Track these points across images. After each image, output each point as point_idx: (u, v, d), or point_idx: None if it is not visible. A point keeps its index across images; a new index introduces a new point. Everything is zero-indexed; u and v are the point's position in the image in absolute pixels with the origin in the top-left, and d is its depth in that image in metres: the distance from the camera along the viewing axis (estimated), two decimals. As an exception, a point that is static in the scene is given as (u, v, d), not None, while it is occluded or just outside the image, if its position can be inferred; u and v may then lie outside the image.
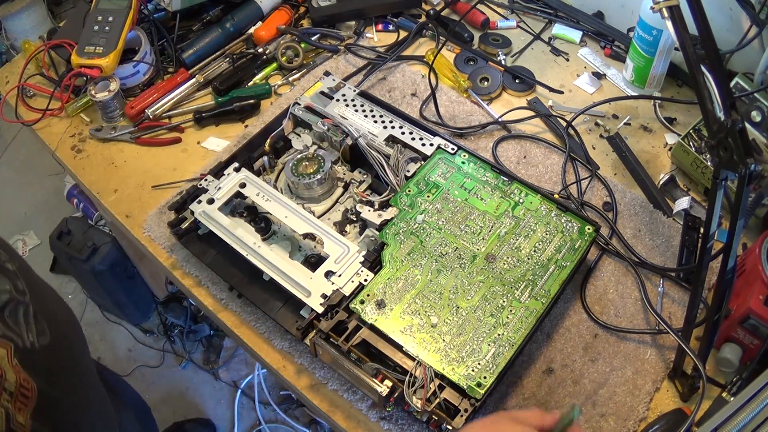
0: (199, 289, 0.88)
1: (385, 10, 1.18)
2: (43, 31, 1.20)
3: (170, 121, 1.07)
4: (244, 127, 1.05)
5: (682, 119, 1.03)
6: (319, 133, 0.93)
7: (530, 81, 1.08)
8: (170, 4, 1.12)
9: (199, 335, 1.78)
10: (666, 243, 0.89)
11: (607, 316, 0.83)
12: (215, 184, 0.87)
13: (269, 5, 1.17)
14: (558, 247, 0.81)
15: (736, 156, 0.60)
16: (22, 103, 1.09)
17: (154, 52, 1.11)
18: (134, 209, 0.96)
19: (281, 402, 1.65)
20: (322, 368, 0.79)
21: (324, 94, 0.97)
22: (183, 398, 1.73)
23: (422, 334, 0.73)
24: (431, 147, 0.90)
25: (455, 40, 1.15)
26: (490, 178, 0.87)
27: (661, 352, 0.80)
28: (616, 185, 0.95)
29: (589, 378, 0.78)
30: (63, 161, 1.05)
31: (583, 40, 1.15)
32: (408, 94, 1.08)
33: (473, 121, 1.03)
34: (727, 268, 0.66)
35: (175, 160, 1.02)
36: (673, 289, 0.85)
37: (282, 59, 1.12)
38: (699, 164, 0.92)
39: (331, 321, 0.74)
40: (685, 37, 0.67)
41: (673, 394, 0.77)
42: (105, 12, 1.05)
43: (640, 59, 1.02)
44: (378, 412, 0.76)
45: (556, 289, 0.77)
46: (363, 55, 1.12)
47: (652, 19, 0.96)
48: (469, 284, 0.77)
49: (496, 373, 0.70)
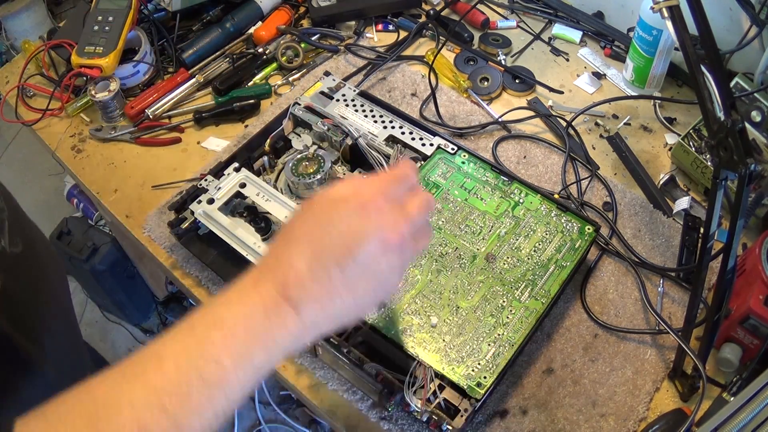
0: (199, 289, 0.88)
1: (385, 10, 1.18)
2: (43, 31, 1.20)
3: (170, 121, 1.07)
4: (244, 127, 1.05)
5: (682, 119, 1.03)
6: (319, 133, 0.93)
7: (530, 81, 1.08)
8: (170, 4, 1.12)
9: (199, 335, 1.78)
10: (666, 243, 0.89)
11: (607, 316, 0.83)
12: (215, 184, 0.87)
13: (269, 5, 1.17)
14: (558, 247, 0.81)
15: (736, 156, 0.60)
16: (22, 103, 1.09)
17: (154, 52, 1.11)
18: (134, 209, 0.96)
19: (281, 402, 1.65)
20: (322, 368, 0.79)
21: (324, 94, 0.97)
22: (183, 398, 1.72)
23: (422, 334, 0.73)
24: (431, 147, 0.90)
25: (455, 40, 1.15)
26: (490, 178, 0.87)
27: (661, 352, 0.80)
28: (616, 185, 0.95)
29: (589, 378, 0.78)
30: (63, 161, 1.05)
31: (583, 40, 1.15)
32: (408, 94, 1.08)
33: (473, 121, 1.03)
34: (727, 268, 0.66)
35: (175, 160, 1.02)
36: (673, 289, 0.85)
37: (282, 59, 1.12)
38: (699, 164, 0.92)
39: (331, 321, 0.74)
40: (685, 37, 0.67)
41: (673, 394, 0.78)
42: (105, 12, 1.05)
43: (640, 59, 1.02)
44: (378, 412, 0.76)
45: (556, 289, 0.77)
46: (363, 55, 1.12)
47: (652, 19, 0.96)
48: (469, 284, 0.77)
49: (496, 373, 0.70)
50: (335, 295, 0.48)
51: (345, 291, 0.48)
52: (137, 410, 0.41)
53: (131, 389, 0.42)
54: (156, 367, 0.43)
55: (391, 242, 0.49)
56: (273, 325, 0.46)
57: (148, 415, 0.41)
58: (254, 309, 0.46)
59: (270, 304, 0.46)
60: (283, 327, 0.46)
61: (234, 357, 0.44)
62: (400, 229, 0.49)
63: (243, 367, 0.44)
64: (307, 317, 0.47)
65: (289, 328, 0.46)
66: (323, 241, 0.48)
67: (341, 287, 0.48)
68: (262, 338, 0.45)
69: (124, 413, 0.41)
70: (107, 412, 0.41)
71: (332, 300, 0.48)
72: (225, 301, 0.47)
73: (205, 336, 0.44)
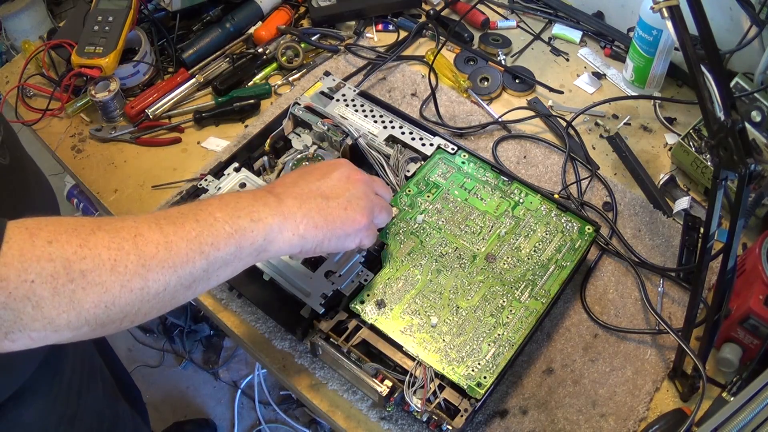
0: (199, 289, 0.88)
1: (385, 10, 1.18)
2: (43, 31, 1.20)
3: (170, 121, 1.07)
4: (244, 127, 1.05)
5: (682, 119, 1.03)
6: (319, 133, 0.93)
7: (530, 81, 1.08)
8: (170, 4, 1.11)
9: (199, 335, 1.78)
10: (666, 243, 0.89)
11: (607, 316, 0.83)
12: (215, 184, 0.87)
13: (269, 5, 1.17)
14: (558, 247, 0.81)
15: (736, 156, 0.60)
16: (22, 103, 1.09)
17: (154, 52, 1.11)
18: (134, 209, 0.96)
19: (281, 402, 1.65)
20: (322, 368, 0.79)
21: (324, 94, 0.97)
22: (183, 398, 1.73)
23: (422, 334, 0.73)
24: (431, 147, 0.90)
25: (455, 40, 1.15)
26: (490, 178, 0.87)
27: (661, 352, 0.80)
28: (616, 185, 0.95)
29: (589, 378, 0.78)
30: (63, 161, 1.05)
31: (583, 40, 1.15)
32: (408, 94, 1.08)
33: (473, 121, 1.03)
34: (727, 268, 0.66)
35: (175, 160, 1.02)
36: (673, 289, 0.85)
37: (282, 59, 1.12)
38: (699, 164, 0.92)
39: (331, 321, 0.74)
40: (685, 37, 0.67)
41: (673, 394, 0.78)
42: (105, 12, 1.04)
43: (640, 59, 1.02)
44: (378, 412, 0.76)
45: (556, 289, 0.77)
46: (363, 55, 1.12)
47: (652, 19, 0.96)
48: (469, 284, 0.77)
49: (496, 373, 0.70)
50: (311, 198, 0.63)
51: (319, 198, 0.63)
52: (138, 222, 0.51)
53: (136, 216, 0.52)
54: (161, 213, 0.54)
55: (358, 178, 0.67)
56: (258, 203, 0.59)
57: (146, 227, 0.51)
58: (246, 194, 0.60)
59: (258, 194, 0.61)
60: (265, 205, 0.59)
61: (224, 213, 0.56)
62: (365, 179, 0.68)
63: (231, 223, 0.55)
64: (287, 207, 0.60)
65: (271, 207, 0.59)
66: (307, 172, 0.67)
67: (317, 194, 0.64)
68: (248, 209, 0.58)
69: (127, 222, 0.51)
70: (111, 221, 0.51)
71: (308, 200, 0.62)
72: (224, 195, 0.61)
73: (203, 202, 0.57)
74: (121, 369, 1.27)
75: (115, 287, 0.48)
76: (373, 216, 0.68)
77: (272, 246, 0.59)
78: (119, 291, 0.48)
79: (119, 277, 0.48)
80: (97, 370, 0.97)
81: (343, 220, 0.64)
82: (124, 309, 0.49)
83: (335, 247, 0.66)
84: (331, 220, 0.63)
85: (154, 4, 1.14)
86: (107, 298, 0.48)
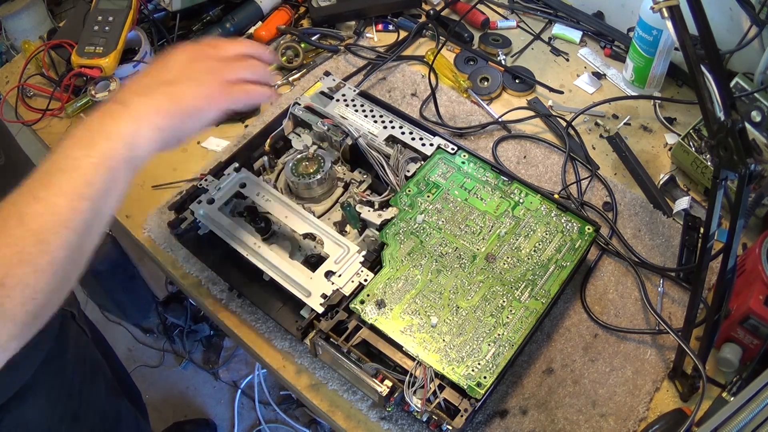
0: (199, 289, 0.88)
1: (385, 10, 1.18)
2: (43, 31, 1.20)
3: (170, 121, 1.07)
4: (244, 127, 1.05)
5: (682, 119, 1.03)
6: (319, 133, 0.93)
7: (530, 81, 1.08)
8: (170, 4, 1.11)
9: (199, 335, 1.78)
10: (666, 243, 0.89)
11: (607, 316, 0.83)
12: (215, 184, 0.87)
13: (269, 5, 1.17)
14: (558, 247, 0.81)
15: (736, 156, 0.60)
16: (22, 103, 1.09)
17: (154, 52, 1.11)
18: (134, 209, 0.96)
19: (281, 402, 1.65)
20: (322, 368, 0.79)
21: (324, 94, 0.97)
22: (183, 398, 1.73)
23: (422, 334, 0.73)
24: (431, 147, 0.90)
25: (455, 40, 1.15)
26: (490, 178, 0.87)
27: (661, 352, 0.80)
28: (616, 185, 0.95)
29: (589, 378, 0.78)
30: (63, 161, 1.04)
31: (583, 40, 1.15)
32: (408, 94, 1.08)
33: (473, 121, 1.03)
34: (727, 268, 0.66)
35: (175, 160, 1.02)
36: (673, 289, 0.85)
37: (282, 59, 1.12)
38: (699, 164, 0.92)
39: (331, 321, 0.74)
40: (685, 37, 0.67)
41: (673, 394, 0.78)
42: (105, 12, 1.04)
43: (640, 59, 1.02)
44: (378, 412, 0.76)
45: (556, 289, 0.77)
46: (363, 55, 1.12)
47: (652, 19, 0.96)
48: (469, 284, 0.77)
49: (496, 373, 0.70)
50: (155, 90, 0.61)
51: (164, 86, 0.62)
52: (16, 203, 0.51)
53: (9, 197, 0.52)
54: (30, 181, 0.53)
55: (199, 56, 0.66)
56: (106, 119, 0.58)
57: (24, 204, 0.51)
58: (94, 116, 0.58)
59: (104, 108, 0.59)
60: (113, 118, 0.58)
61: (80, 148, 0.55)
62: (208, 55, 0.67)
63: (90, 153, 0.55)
64: (134, 108, 0.59)
65: (121, 118, 0.58)
66: (148, 67, 0.65)
67: (160, 83, 0.62)
68: (99, 130, 0.57)
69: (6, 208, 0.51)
70: None
71: (154, 93, 0.61)
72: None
73: (59, 147, 0.56)
74: (121, 369, 1.27)
75: (30, 278, 0.48)
76: (224, 79, 0.66)
77: (138, 150, 0.58)
78: (35, 278, 0.48)
79: (30, 266, 0.48)
80: (99, 369, 0.98)
81: (194, 96, 0.63)
82: (48, 287, 0.49)
83: (197, 125, 0.65)
84: (182, 101, 0.62)
85: (154, 4, 1.14)
86: (29, 292, 0.48)
